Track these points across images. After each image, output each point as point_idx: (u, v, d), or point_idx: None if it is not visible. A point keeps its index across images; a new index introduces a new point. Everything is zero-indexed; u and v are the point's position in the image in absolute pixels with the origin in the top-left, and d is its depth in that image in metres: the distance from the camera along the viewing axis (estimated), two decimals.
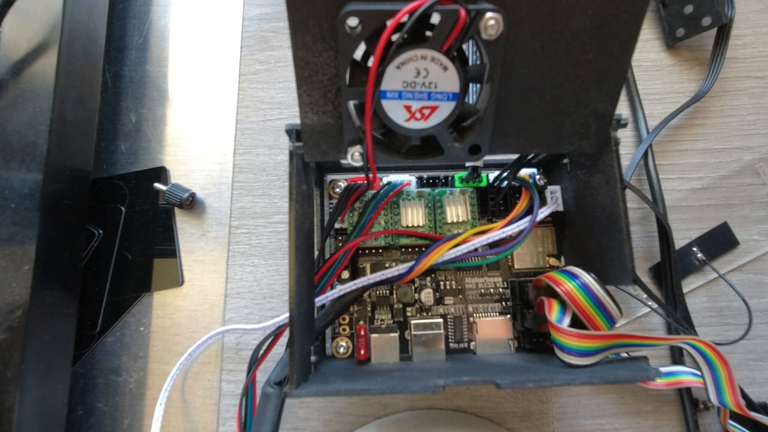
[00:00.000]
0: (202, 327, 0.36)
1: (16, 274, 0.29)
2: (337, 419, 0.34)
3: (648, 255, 0.37)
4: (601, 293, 0.27)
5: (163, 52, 0.41)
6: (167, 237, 0.37)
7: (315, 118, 0.24)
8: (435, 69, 0.21)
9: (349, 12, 0.19)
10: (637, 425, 0.34)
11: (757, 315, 0.35)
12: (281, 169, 0.38)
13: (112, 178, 0.38)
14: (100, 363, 0.35)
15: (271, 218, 0.38)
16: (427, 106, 0.22)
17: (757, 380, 0.35)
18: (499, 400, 0.34)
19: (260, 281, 0.36)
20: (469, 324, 0.34)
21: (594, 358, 0.27)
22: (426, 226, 0.34)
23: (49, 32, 0.33)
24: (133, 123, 0.40)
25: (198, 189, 0.38)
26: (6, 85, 0.32)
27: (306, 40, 0.21)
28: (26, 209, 0.30)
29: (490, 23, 0.19)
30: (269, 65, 0.41)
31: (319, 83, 0.22)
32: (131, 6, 0.42)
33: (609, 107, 0.24)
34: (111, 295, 0.36)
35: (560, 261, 0.35)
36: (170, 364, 0.35)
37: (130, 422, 0.34)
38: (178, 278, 0.36)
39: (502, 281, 0.34)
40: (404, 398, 0.34)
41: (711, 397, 0.29)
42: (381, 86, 0.21)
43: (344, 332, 0.33)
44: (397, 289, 0.34)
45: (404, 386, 0.24)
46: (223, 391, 0.35)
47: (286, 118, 0.39)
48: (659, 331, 0.36)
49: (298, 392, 0.24)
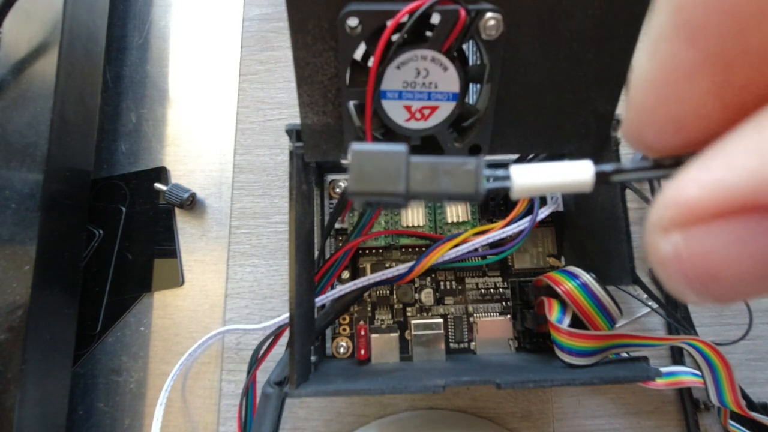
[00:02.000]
0: (202, 327, 0.36)
1: (17, 274, 0.29)
2: (337, 419, 0.34)
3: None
4: (601, 293, 0.27)
5: (163, 52, 0.41)
6: (167, 237, 0.37)
7: (315, 118, 0.24)
8: (435, 69, 0.21)
9: (349, 12, 0.19)
10: (637, 425, 0.34)
11: (757, 315, 0.35)
12: (281, 169, 0.38)
13: (113, 178, 0.38)
14: (100, 363, 0.35)
15: (272, 218, 0.38)
16: (427, 106, 0.22)
17: (757, 380, 0.35)
18: (499, 401, 0.34)
19: (260, 281, 0.36)
20: (469, 324, 0.34)
21: (594, 358, 0.27)
22: (426, 226, 0.34)
23: (49, 32, 0.33)
24: (133, 123, 0.40)
25: (198, 189, 0.38)
26: (6, 85, 0.32)
27: (306, 40, 0.21)
28: (27, 209, 0.30)
29: (490, 23, 0.19)
30: (269, 65, 0.41)
31: (320, 83, 0.22)
32: (132, 6, 0.42)
33: (609, 107, 0.24)
34: (111, 295, 0.36)
35: (560, 261, 0.35)
36: (170, 364, 0.35)
37: (131, 422, 0.34)
38: (179, 278, 0.36)
39: (502, 281, 0.34)
40: (404, 398, 0.34)
41: (711, 398, 0.29)
42: (381, 86, 0.21)
43: (344, 332, 0.33)
44: (397, 289, 0.34)
45: (404, 386, 0.24)
46: (223, 391, 0.35)
47: (286, 118, 0.39)
48: (659, 331, 0.36)
49: (298, 392, 0.24)
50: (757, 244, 0.08)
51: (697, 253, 0.08)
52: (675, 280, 0.09)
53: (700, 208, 0.08)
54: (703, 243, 0.08)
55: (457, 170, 0.10)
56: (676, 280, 0.09)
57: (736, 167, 0.08)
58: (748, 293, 0.09)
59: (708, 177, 0.08)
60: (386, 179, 0.10)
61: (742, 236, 0.08)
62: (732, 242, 0.08)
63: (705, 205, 0.08)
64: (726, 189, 0.08)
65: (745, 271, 0.08)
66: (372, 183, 0.10)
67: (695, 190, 0.08)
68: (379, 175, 0.10)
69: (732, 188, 0.08)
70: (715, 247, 0.08)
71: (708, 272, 0.08)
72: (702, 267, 0.09)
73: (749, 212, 0.08)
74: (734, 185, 0.08)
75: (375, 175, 0.10)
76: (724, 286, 0.09)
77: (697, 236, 0.08)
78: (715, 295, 0.09)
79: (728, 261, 0.08)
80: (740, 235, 0.08)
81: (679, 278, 0.09)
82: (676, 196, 0.09)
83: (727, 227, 0.08)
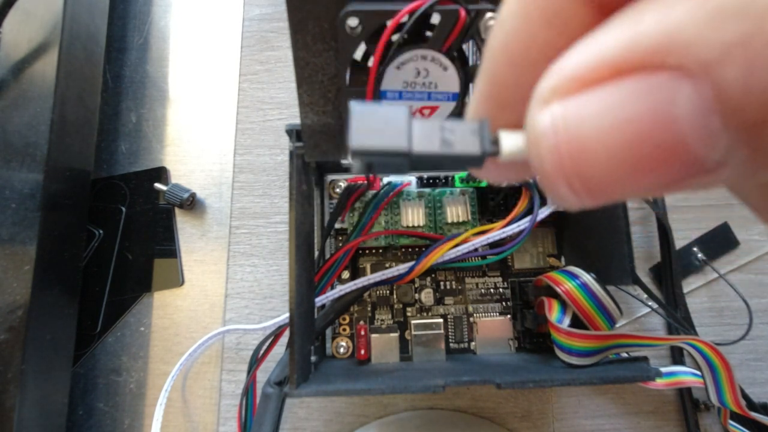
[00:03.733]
0: (202, 327, 0.36)
1: (17, 274, 0.29)
2: (337, 419, 0.34)
3: (648, 255, 0.37)
4: (601, 293, 0.27)
5: (163, 52, 0.41)
6: (167, 237, 0.37)
7: (315, 118, 0.24)
8: (435, 69, 0.21)
9: (349, 12, 0.19)
10: (637, 425, 0.34)
11: (757, 315, 0.35)
12: (281, 169, 0.38)
13: (113, 178, 0.38)
14: (100, 363, 0.35)
15: (272, 218, 0.38)
16: (428, 106, 0.22)
17: (757, 380, 0.35)
18: (499, 401, 0.34)
19: (260, 281, 0.36)
20: (469, 324, 0.34)
21: (594, 358, 0.27)
22: (426, 226, 0.34)
23: (49, 33, 0.33)
24: (133, 123, 0.40)
25: (198, 189, 0.38)
26: (7, 85, 0.32)
27: (306, 40, 0.21)
28: (27, 209, 0.30)
29: (490, 23, 0.19)
30: (269, 65, 0.41)
31: (320, 83, 0.22)
32: (132, 6, 0.42)
33: None
34: (111, 295, 0.36)
35: (560, 261, 0.35)
36: (170, 364, 0.35)
37: (131, 422, 0.34)
38: (179, 278, 0.36)
39: (502, 281, 0.34)
40: (404, 398, 0.34)
41: (711, 398, 0.29)
42: (381, 86, 0.21)
43: (344, 332, 0.33)
44: (398, 289, 0.34)
45: (404, 386, 0.24)
46: (223, 391, 0.35)
47: (286, 118, 0.39)
48: (659, 331, 0.36)
49: (298, 392, 0.24)
50: (623, 111, 0.07)
51: (571, 123, 0.08)
52: (548, 160, 0.08)
53: (580, 73, 0.08)
54: (580, 112, 0.08)
55: (461, 129, 0.10)
56: (550, 161, 0.08)
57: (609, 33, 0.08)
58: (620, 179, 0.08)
59: (587, 47, 0.08)
60: (389, 136, 0.10)
61: (613, 102, 0.08)
62: (604, 109, 0.08)
63: (584, 70, 0.08)
64: (602, 53, 0.08)
65: (613, 146, 0.08)
66: (375, 139, 0.10)
67: (575, 57, 0.08)
68: (381, 132, 0.10)
69: (607, 50, 0.08)
70: (588, 116, 0.08)
71: (579, 147, 0.08)
72: (575, 139, 0.08)
73: (621, 75, 0.08)
74: (609, 47, 0.08)
75: (377, 132, 0.10)
76: (594, 167, 0.08)
77: (574, 104, 0.08)
78: (585, 182, 0.08)
79: (598, 132, 0.08)
80: (612, 101, 0.08)
81: (553, 157, 0.08)
82: (559, 66, 0.08)
83: (602, 93, 0.08)
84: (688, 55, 0.07)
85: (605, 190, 0.08)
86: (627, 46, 0.07)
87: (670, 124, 0.07)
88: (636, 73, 0.07)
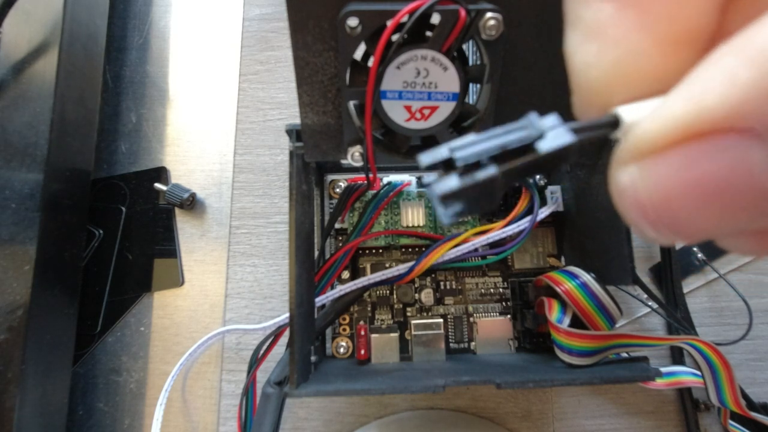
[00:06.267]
0: (202, 327, 0.36)
1: (17, 274, 0.29)
2: (337, 419, 0.34)
3: (648, 255, 0.37)
4: (601, 293, 0.27)
5: (163, 52, 0.41)
6: (167, 237, 0.37)
7: (315, 118, 0.24)
8: (435, 69, 0.21)
9: (349, 12, 0.19)
10: (637, 425, 0.34)
11: (757, 315, 0.35)
12: (281, 169, 0.38)
13: (113, 178, 0.38)
14: (100, 363, 0.35)
15: (272, 218, 0.38)
16: (428, 106, 0.22)
17: (757, 380, 0.35)
18: (499, 400, 0.34)
19: (260, 281, 0.36)
20: (469, 324, 0.34)
21: (594, 358, 0.27)
22: (426, 226, 0.34)
23: (49, 32, 0.33)
24: (133, 123, 0.40)
25: (198, 189, 0.38)
26: (6, 85, 0.32)
27: (306, 40, 0.21)
28: (27, 209, 0.30)
29: (490, 23, 0.19)
30: (269, 65, 0.41)
31: (319, 83, 0.22)
32: (132, 6, 0.42)
33: None
34: (111, 295, 0.36)
35: (560, 261, 0.35)
36: (170, 364, 0.35)
37: (131, 422, 0.34)
38: (179, 278, 0.36)
39: (502, 281, 0.34)
40: (404, 398, 0.34)
41: (711, 398, 0.29)
42: (381, 86, 0.21)
43: (344, 332, 0.33)
44: (398, 289, 0.34)
45: (404, 386, 0.24)
46: (223, 391, 0.35)
47: (286, 118, 0.39)
48: (659, 331, 0.36)
49: (299, 392, 0.24)
50: (700, 169, 0.09)
51: (650, 183, 0.09)
52: (632, 211, 0.10)
53: (651, 140, 0.09)
54: (655, 172, 0.09)
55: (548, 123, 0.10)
56: (633, 212, 0.10)
57: (676, 103, 0.09)
58: (707, 223, 0.09)
59: (658, 113, 0.09)
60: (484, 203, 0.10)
61: (687, 162, 0.09)
62: (679, 169, 0.09)
63: (655, 137, 0.09)
64: (671, 121, 0.09)
65: (694, 196, 0.09)
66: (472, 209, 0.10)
67: (648, 124, 0.09)
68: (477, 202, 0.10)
69: (676, 119, 0.09)
70: (666, 176, 0.09)
71: (662, 202, 0.09)
72: (656, 197, 0.09)
73: (691, 140, 0.09)
74: (678, 117, 0.09)
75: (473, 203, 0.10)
76: (679, 216, 0.09)
77: (650, 166, 0.09)
78: (673, 227, 0.09)
79: (678, 188, 0.09)
80: (685, 162, 0.09)
81: (636, 209, 0.09)
82: (633, 133, 0.09)
83: (675, 155, 0.09)
84: (758, 122, 0.08)
85: (692, 231, 0.09)
86: (698, 113, 0.08)
87: (748, 176, 0.08)
88: (709, 136, 0.08)
